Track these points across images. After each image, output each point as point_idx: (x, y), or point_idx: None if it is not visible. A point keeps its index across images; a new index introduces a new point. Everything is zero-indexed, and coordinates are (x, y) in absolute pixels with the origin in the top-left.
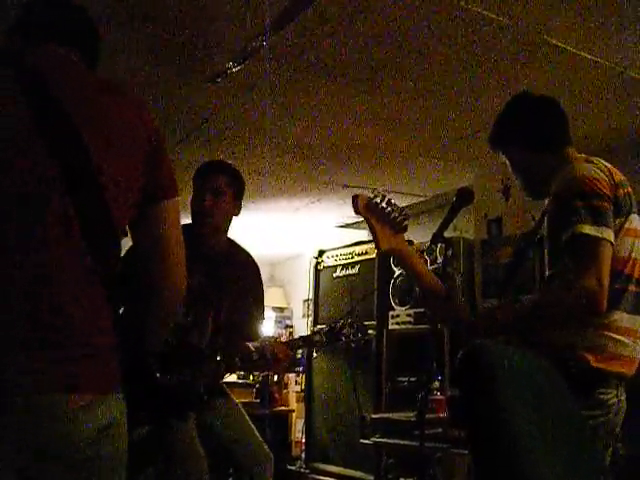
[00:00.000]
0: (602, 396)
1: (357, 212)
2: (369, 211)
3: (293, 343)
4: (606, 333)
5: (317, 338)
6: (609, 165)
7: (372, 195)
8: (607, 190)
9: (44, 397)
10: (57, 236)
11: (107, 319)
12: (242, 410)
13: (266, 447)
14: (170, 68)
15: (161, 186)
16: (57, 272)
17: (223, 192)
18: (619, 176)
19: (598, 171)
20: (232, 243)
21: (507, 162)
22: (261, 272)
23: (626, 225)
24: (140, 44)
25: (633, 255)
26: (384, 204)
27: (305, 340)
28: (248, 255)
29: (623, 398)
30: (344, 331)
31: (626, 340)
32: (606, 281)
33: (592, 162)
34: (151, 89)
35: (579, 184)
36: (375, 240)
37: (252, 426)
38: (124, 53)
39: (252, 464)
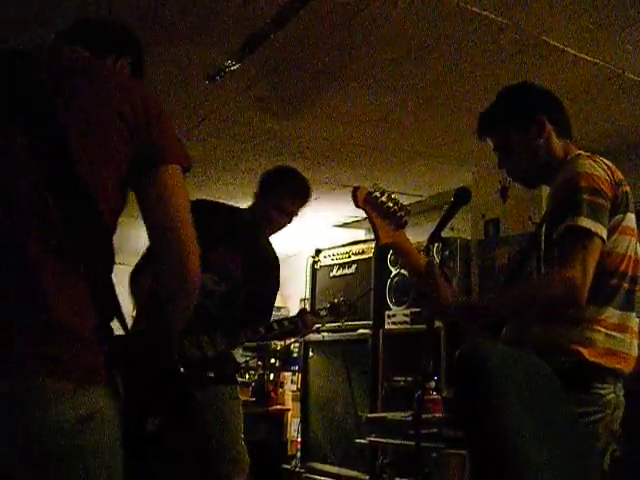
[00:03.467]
0: (600, 391)
1: (357, 205)
2: (369, 204)
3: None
4: (598, 328)
5: (323, 313)
6: (610, 163)
7: (372, 189)
8: (607, 189)
9: (20, 382)
10: (32, 220)
11: (88, 305)
12: (234, 412)
13: (247, 456)
14: (168, 66)
15: (155, 152)
16: (28, 254)
17: None
18: (618, 175)
19: (600, 170)
20: None
21: (498, 147)
22: None
23: (624, 223)
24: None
25: (629, 253)
26: (384, 198)
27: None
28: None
29: (621, 394)
30: (342, 309)
31: (619, 336)
32: (590, 275)
33: (595, 160)
34: (149, 87)
35: (582, 179)
36: (375, 234)
37: (239, 433)
38: None
39: (227, 472)
